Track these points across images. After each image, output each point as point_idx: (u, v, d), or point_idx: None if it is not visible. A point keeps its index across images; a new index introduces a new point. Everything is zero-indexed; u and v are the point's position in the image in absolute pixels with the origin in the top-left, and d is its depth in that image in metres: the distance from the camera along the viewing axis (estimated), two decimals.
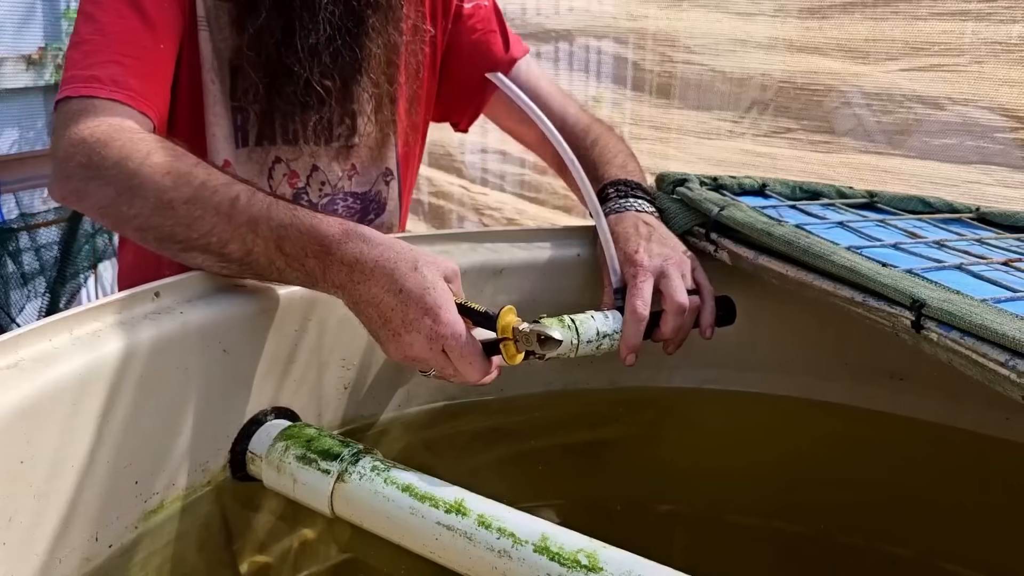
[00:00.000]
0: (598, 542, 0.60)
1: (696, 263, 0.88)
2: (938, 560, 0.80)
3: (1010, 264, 0.75)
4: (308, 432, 0.74)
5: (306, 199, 1.05)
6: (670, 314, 0.83)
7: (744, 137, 1.35)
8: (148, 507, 0.69)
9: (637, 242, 0.86)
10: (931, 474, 0.91)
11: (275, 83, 0.96)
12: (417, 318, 0.70)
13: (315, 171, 1.06)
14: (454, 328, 0.70)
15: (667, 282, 0.84)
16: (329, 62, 0.95)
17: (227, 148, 0.99)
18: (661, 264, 0.84)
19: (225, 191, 0.73)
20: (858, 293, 0.69)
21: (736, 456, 0.93)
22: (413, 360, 0.73)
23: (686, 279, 0.85)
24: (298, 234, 0.71)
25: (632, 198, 0.93)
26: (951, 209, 0.94)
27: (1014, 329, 0.57)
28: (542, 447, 0.95)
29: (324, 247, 0.71)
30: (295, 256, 0.72)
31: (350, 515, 0.70)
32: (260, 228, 0.72)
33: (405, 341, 0.71)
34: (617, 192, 0.95)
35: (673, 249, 0.87)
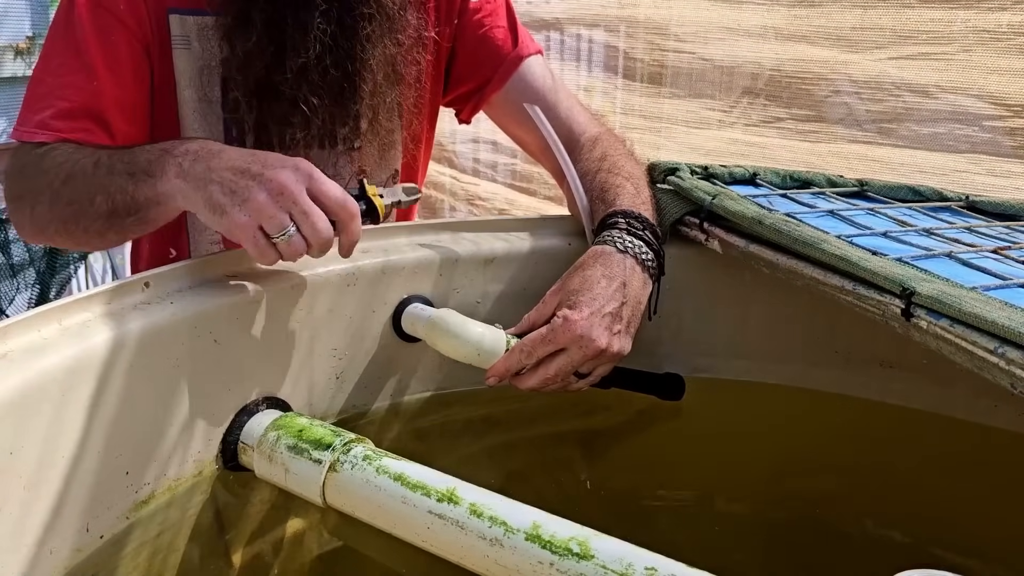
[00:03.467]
0: (589, 530, 0.60)
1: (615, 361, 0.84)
2: (928, 546, 0.81)
3: (1000, 252, 0.76)
4: (299, 422, 0.74)
5: None
6: (537, 377, 0.81)
7: (734, 127, 1.35)
8: (139, 497, 0.69)
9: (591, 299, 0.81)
10: (921, 461, 0.91)
11: (262, 101, 0.94)
12: (277, 161, 0.73)
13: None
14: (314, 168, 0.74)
15: (562, 355, 0.80)
16: (318, 80, 0.93)
17: None
18: (579, 336, 0.79)
19: (89, 159, 0.83)
20: (848, 281, 0.70)
21: (727, 444, 0.94)
22: (278, 196, 0.71)
23: (586, 366, 0.82)
24: (145, 152, 0.79)
25: (635, 238, 0.86)
26: (940, 197, 0.94)
27: (1003, 317, 0.57)
28: (533, 436, 0.96)
29: (166, 148, 0.77)
30: (141, 170, 0.77)
31: (342, 504, 0.70)
32: (115, 169, 0.80)
33: (270, 176, 0.71)
34: (629, 227, 0.87)
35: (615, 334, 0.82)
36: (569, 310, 0.80)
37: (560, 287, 0.83)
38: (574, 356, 0.80)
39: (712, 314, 0.99)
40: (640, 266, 0.85)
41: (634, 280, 0.84)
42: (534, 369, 0.81)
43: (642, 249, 0.85)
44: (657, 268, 0.88)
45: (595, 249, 0.85)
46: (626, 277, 0.83)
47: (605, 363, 0.84)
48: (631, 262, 0.84)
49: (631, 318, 0.84)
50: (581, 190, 0.93)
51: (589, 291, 0.81)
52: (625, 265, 0.83)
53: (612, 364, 0.85)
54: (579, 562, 0.58)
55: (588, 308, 0.80)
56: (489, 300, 0.93)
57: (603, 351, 0.80)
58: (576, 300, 0.80)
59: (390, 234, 0.90)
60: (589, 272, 0.83)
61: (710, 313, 0.99)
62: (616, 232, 0.86)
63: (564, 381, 0.82)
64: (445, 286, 0.91)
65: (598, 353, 0.80)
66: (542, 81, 1.09)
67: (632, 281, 0.84)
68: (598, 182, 0.93)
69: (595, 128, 1.06)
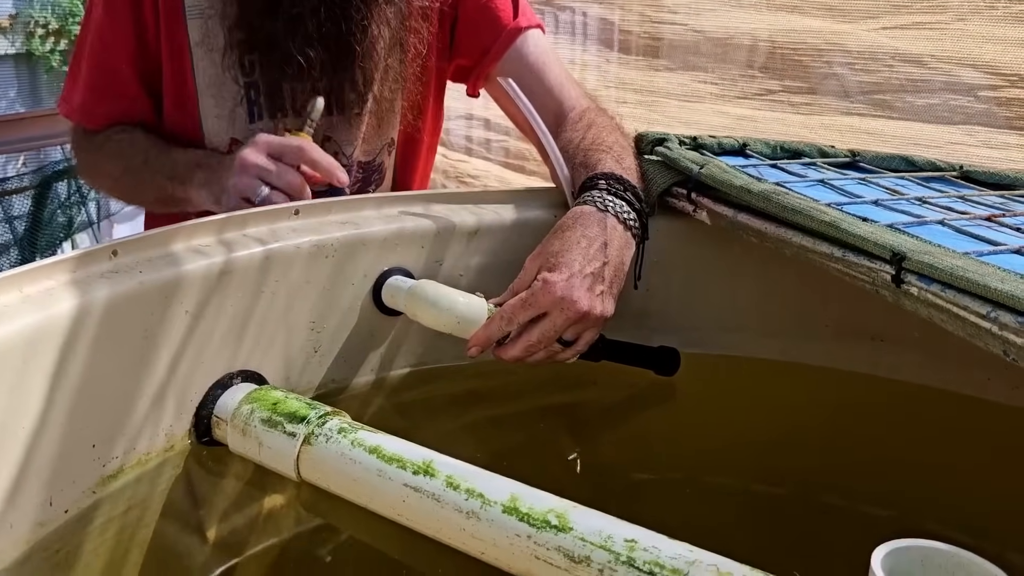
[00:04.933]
0: (568, 502, 0.59)
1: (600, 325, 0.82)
2: (918, 520, 0.79)
3: (993, 219, 0.74)
4: (274, 395, 0.72)
5: None
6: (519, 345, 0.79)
7: (727, 100, 1.32)
8: (106, 472, 0.67)
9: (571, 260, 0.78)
10: (912, 435, 0.90)
11: (263, 55, 0.98)
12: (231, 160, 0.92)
13: (327, 142, 1.05)
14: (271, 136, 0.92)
15: (545, 320, 0.78)
16: (313, 31, 0.94)
17: (234, 125, 1.04)
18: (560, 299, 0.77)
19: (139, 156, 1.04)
20: (837, 248, 0.68)
21: (715, 418, 0.92)
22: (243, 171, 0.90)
23: (570, 331, 0.80)
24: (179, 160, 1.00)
25: (617, 197, 0.84)
26: (934, 167, 0.92)
27: (996, 280, 0.55)
28: (518, 410, 0.94)
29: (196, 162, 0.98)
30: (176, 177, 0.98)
31: (317, 478, 0.68)
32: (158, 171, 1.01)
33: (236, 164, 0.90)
34: (610, 187, 0.85)
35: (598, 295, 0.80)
36: (548, 272, 0.78)
37: (540, 251, 0.81)
38: (556, 320, 0.77)
39: (700, 288, 0.97)
40: (622, 225, 0.83)
41: (615, 239, 0.81)
42: (516, 337, 0.78)
43: (623, 208, 0.83)
44: (640, 229, 0.85)
45: (575, 210, 0.83)
46: (607, 237, 0.81)
47: (590, 328, 0.81)
48: (612, 221, 0.82)
49: (613, 279, 0.81)
50: (561, 159, 0.92)
51: (569, 252, 0.79)
52: (606, 224, 0.81)
53: (598, 329, 0.82)
54: (557, 534, 0.56)
55: (568, 270, 0.77)
56: (473, 273, 0.91)
57: (586, 313, 0.78)
58: (556, 262, 0.78)
59: (368, 205, 0.88)
60: (568, 234, 0.80)
61: (698, 287, 0.97)
62: (596, 192, 0.84)
63: (549, 350, 0.80)
64: (427, 258, 0.89)
65: (581, 316, 0.78)
66: (538, 55, 1.08)
67: (614, 240, 0.81)
68: (580, 151, 0.92)
69: (584, 103, 1.05)
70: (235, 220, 0.78)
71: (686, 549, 0.54)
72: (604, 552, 0.54)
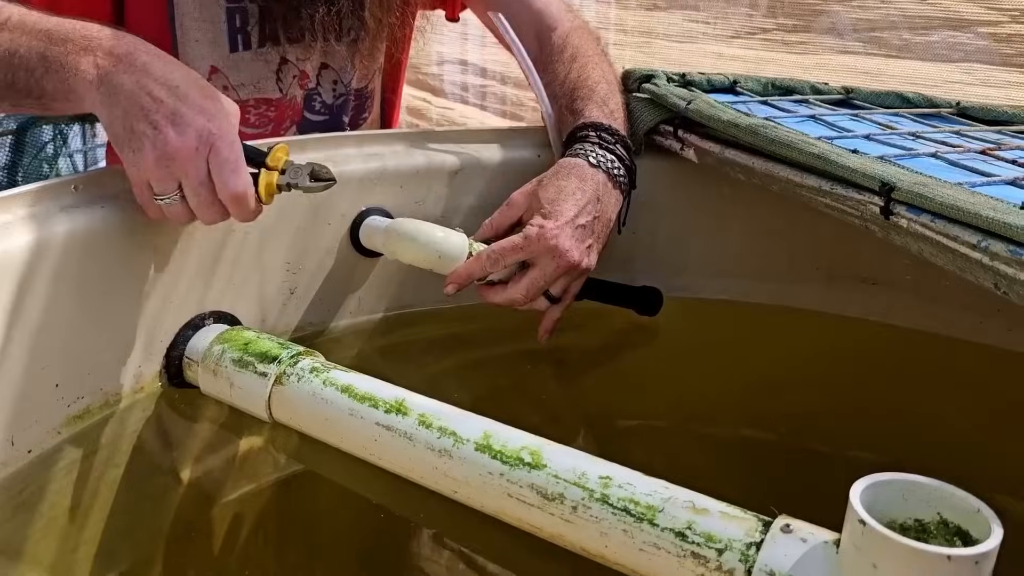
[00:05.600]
0: (543, 439, 0.57)
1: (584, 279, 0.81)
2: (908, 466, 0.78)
3: (988, 153, 0.71)
4: (246, 335, 0.71)
5: (319, 100, 1.00)
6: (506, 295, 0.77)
7: (720, 40, 1.28)
8: (72, 412, 0.66)
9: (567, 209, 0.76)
10: (903, 380, 0.88)
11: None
12: (192, 115, 0.63)
13: (325, 69, 0.99)
14: (232, 135, 0.64)
15: (536, 272, 0.76)
16: None
17: (215, 53, 0.92)
18: (553, 247, 0.75)
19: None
20: (825, 182, 0.65)
21: (704, 364, 0.91)
22: (168, 162, 0.63)
23: (558, 283, 0.78)
24: (66, 34, 0.66)
25: (607, 151, 0.82)
26: (930, 104, 0.89)
27: (988, 209, 0.53)
28: (503, 354, 0.92)
29: (92, 41, 0.65)
30: (57, 58, 0.65)
31: (288, 419, 0.66)
32: (27, 37, 0.66)
33: (167, 137, 0.62)
34: (600, 139, 0.83)
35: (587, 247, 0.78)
36: (545, 219, 0.76)
37: (531, 192, 0.79)
38: (547, 270, 0.76)
39: (689, 230, 0.95)
40: (611, 181, 0.81)
41: (606, 195, 0.80)
42: (503, 286, 0.77)
43: (613, 163, 0.81)
44: (628, 183, 0.84)
45: (566, 161, 0.81)
46: (599, 192, 0.80)
47: (575, 280, 0.80)
48: (603, 177, 0.80)
49: (601, 234, 0.81)
50: (547, 102, 0.89)
51: (565, 202, 0.77)
52: (598, 180, 0.80)
53: (581, 283, 0.81)
54: (530, 472, 0.55)
55: (563, 218, 0.76)
56: (454, 213, 0.89)
57: (575, 264, 0.77)
58: (552, 210, 0.76)
59: (344, 143, 0.85)
60: (563, 183, 0.79)
61: (686, 229, 0.95)
62: (588, 145, 0.82)
63: (532, 300, 0.78)
64: (407, 198, 0.86)
65: (571, 267, 0.77)
66: None
67: (604, 196, 0.80)
68: (567, 91, 0.89)
69: (568, 22, 1.00)
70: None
71: (661, 486, 0.52)
72: (578, 489, 0.53)
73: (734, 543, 0.48)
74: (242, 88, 0.94)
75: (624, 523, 0.51)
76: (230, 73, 0.93)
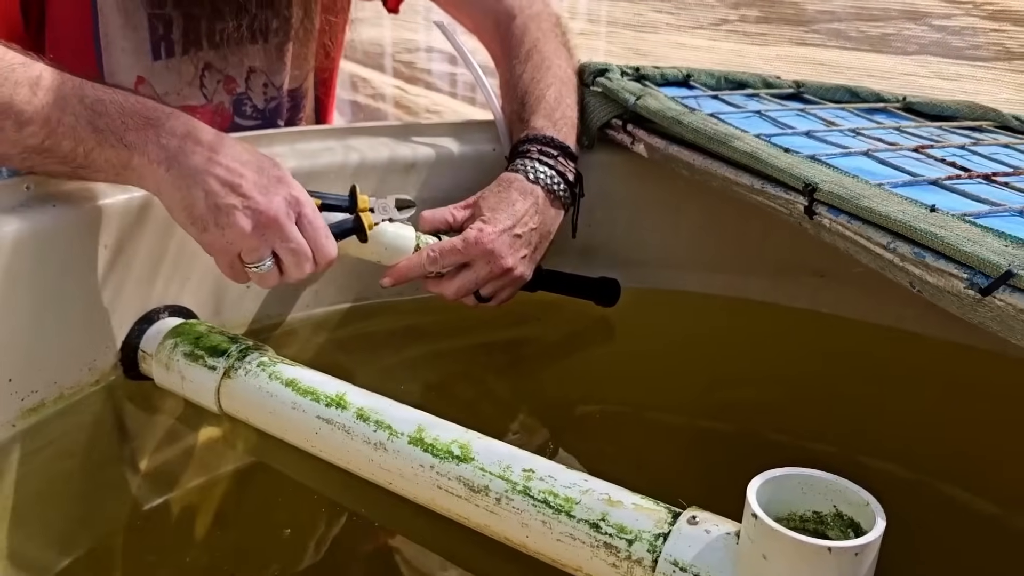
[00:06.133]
0: (474, 433, 0.59)
1: (517, 285, 0.84)
2: (860, 456, 0.80)
3: (921, 150, 0.73)
4: (198, 329, 0.73)
5: (250, 104, 0.98)
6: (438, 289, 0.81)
7: (681, 30, 1.29)
8: (26, 405, 0.68)
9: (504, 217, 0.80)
10: (852, 371, 0.90)
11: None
12: (274, 183, 0.66)
13: (253, 73, 0.97)
14: (309, 199, 0.68)
15: (469, 272, 0.80)
16: None
17: (140, 62, 0.89)
18: (489, 252, 0.78)
19: (24, 70, 0.64)
20: (757, 180, 0.67)
21: (659, 355, 0.92)
22: (264, 229, 0.65)
23: (489, 285, 0.81)
24: (119, 108, 0.65)
25: (547, 167, 0.84)
26: (878, 99, 0.91)
27: (897, 211, 0.55)
28: (460, 346, 0.94)
29: (151, 119, 0.65)
30: (112, 131, 0.64)
31: (236, 411, 0.69)
32: (69, 105, 0.64)
33: (261, 205, 0.64)
34: (542, 154, 0.85)
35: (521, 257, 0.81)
36: (484, 224, 0.79)
37: (474, 203, 0.82)
38: (480, 272, 0.79)
39: (643, 222, 0.97)
40: (551, 195, 0.84)
41: (545, 210, 0.84)
42: (439, 277, 0.80)
43: (553, 179, 0.84)
44: (570, 196, 0.87)
45: (506, 175, 0.84)
46: (539, 206, 0.83)
47: (507, 287, 0.83)
48: (540, 192, 0.83)
49: (538, 246, 0.84)
50: (497, 109, 0.92)
51: (503, 211, 0.80)
52: (537, 195, 0.83)
53: (514, 290, 0.85)
54: (458, 464, 0.57)
55: (502, 225, 0.79)
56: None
57: (508, 270, 0.80)
58: (491, 217, 0.80)
59: (301, 138, 0.86)
60: (504, 194, 0.82)
61: (641, 221, 0.97)
62: (529, 161, 0.84)
63: (461, 297, 0.82)
64: (362, 192, 0.88)
65: (503, 272, 0.80)
66: None
67: (543, 211, 0.83)
68: (519, 92, 0.90)
69: (527, 8, 1.00)
70: None
71: (581, 479, 0.54)
72: (502, 482, 0.55)
73: (643, 534, 0.50)
74: (167, 96, 0.91)
75: (543, 515, 0.53)
76: (155, 82, 0.91)
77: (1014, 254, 0.49)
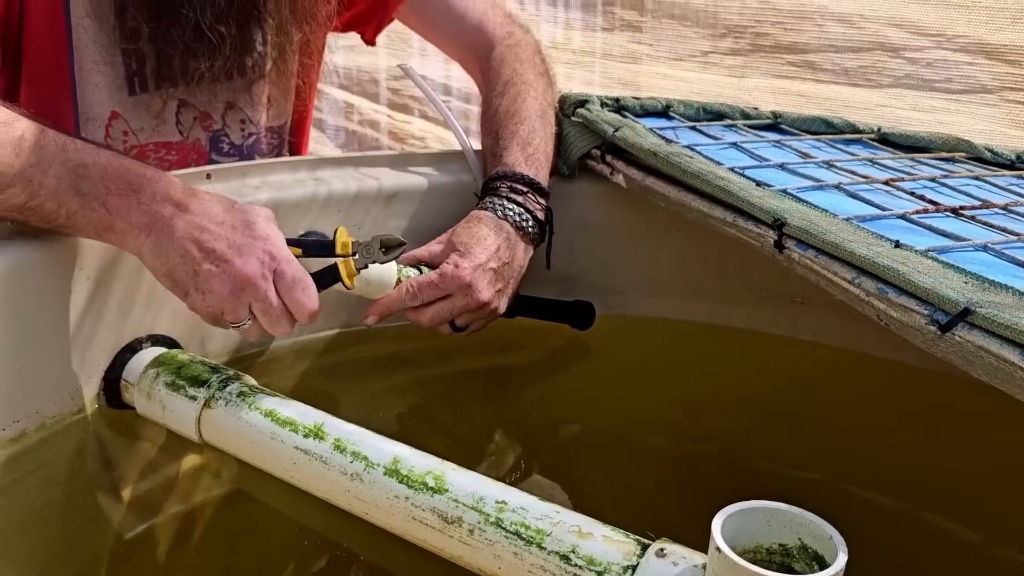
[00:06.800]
0: (449, 464, 0.60)
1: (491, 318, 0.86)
2: (840, 481, 0.81)
3: (892, 183, 0.74)
4: (180, 359, 0.73)
5: (227, 141, 0.98)
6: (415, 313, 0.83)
7: (660, 60, 1.31)
8: (7, 435, 0.68)
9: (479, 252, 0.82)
10: (832, 397, 0.91)
11: (161, 26, 0.84)
12: (249, 242, 0.67)
13: (231, 109, 0.97)
14: (287, 253, 0.69)
15: (445, 303, 0.82)
16: (224, 4, 0.84)
17: (114, 97, 0.89)
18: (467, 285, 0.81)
19: (6, 130, 0.64)
20: (730, 213, 0.68)
21: (641, 381, 0.93)
22: (240, 292, 0.67)
23: (464, 316, 0.84)
24: (101, 172, 0.66)
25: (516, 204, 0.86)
26: (853, 130, 0.92)
27: (862, 247, 0.56)
28: (444, 373, 0.95)
29: (133, 185, 0.66)
30: (94, 195, 0.65)
31: (216, 441, 0.69)
32: (52, 168, 0.65)
33: (236, 269, 0.66)
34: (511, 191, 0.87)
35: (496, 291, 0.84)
36: (459, 258, 0.81)
37: (447, 239, 0.84)
38: (456, 304, 0.81)
39: (624, 251, 0.98)
40: (519, 232, 0.86)
41: (515, 246, 0.86)
42: (412, 308, 0.82)
43: (522, 216, 0.86)
44: (539, 232, 0.89)
45: (476, 212, 0.86)
46: (510, 242, 0.85)
47: (481, 319, 0.85)
48: (509, 228, 0.85)
49: (511, 279, 0.86)
50: (466, 140, 0.94)
51: (478, 245, 0.83)
52: (505, 231, 0.85)
53: (487, 322, 0.86)
54: (432, 496, 0.58)
55: (478, 260, 0.82)
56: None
57: (485, 304, 0.83)
58: (466, 251, 0.82)
59: (284, 168, 0.88)
60: (475, 229, 0.84)
61: (622, 250, 0.98)
62: (498, 199, 0.86)
63: (435, 326, 0.84)
64: (345, 223, 0.89)
65: (480, 305, 0.82)
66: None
67: (514, 246, 0.86)
68: (495, 126, 0.92)
69: (505, 38, 1.01)
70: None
71: (552, 510, 0.55)
72: (475, 513, 0.56)
73: (612, 566, 0.51)
74: (141, 132, 0.92)
75: (515, 546, 0.54)
76: (129, 117, 0.90)
77: (973, 291, 0.50)
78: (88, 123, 0.89)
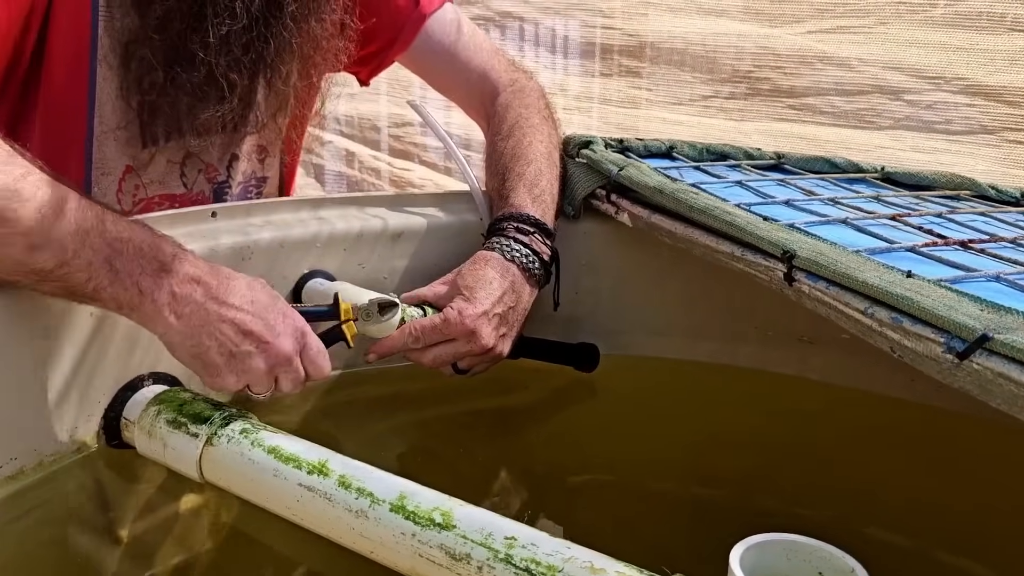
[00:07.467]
0: (456, 500, 0.59)
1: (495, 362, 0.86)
2: (850, 522, 0.80)
3: (898, 219, 0.74)
4: (182, 396, 0.72)
5: (230, 192, 0.98)
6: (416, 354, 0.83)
7: (660, 105, 1.33)
8: (4, 472, 0.67)
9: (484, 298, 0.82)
10: (841, 436, 0.90)
11: (173, 71, 0.83)
12: (280, 320, 0.69)
13: (235, 161, 0.97)
14: (307, 325, 0.71)
15: (447, 346, 0.82)
16: (240, 54, 0.84)
17: (129, 152, 0.88)
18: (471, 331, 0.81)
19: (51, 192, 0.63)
20: (737, 248, 0.68)
21: (647, 422, 0.92)
22: (275, 368, 0.69)
23: (466, 360, 0.84)
24: (136, 250, 0.65)
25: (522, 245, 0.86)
26: (857, 169, 0.93)
27: (874, 277, 0.55)
28: (447, 414, 0.94)
29: (164, 264, 0.66)
30: (128, 273, 0.64)
31: (218, 479, 0.68)
32: (90, 239, 0.63)
33: (275, 349, 0.68)
34: (518, 232, 0.87)
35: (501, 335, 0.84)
36: (464, 303, 0.81)
37: (452, 280, 0.84)
38: (459, 348, 0.81)
39: (629, 290, 0.98)
40: (525, 274, 0.86)
41: (521, 288, 0.85)
42: (415, 352, 0.82)
43: (529, 257, 0.86)
44: (545, 275, 0.89)
45: (483, 253, 0.86)
46: (515, 284, 0.85)
47: (484, 363, 0.85)
48: (515, 270, 0.85)
49: (515, 323, 0.86)
50: (473, 179, 0.94)
51: (482, 289, 0.82)
52: (513, 273, 0.85)
53: (489, 364, 0.86)
54: (440, 532, 0.56)
55: (482, 305, 0.81)
56: (397, 276, 0.91)
57: (489, 350, 0.82)
58: (471, 296, 0.82)
59: (290, 208, 0.88)
60: (481, 272, 0.84)
61: (627, 289, 0.98)
62: (504, 240, 0.86)
63: (437, 368, 0.84)
64: (349, 262, 0.89)
65: (483, 351, 0.82)
66: (450, 36, 1.03)
67: (519, 288, 0.85)
68: (501, 168, 0.92)
69: (510, 85, 1.02)
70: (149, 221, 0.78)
71: (563, 546, 0.53)
72: (484, 549, 0.54)
73: None
74: (150, 185, 0.91)
75: None
76: (141, 171, 0.90)
77: (989, 318, 0.49)
78: (103, 177, 0.88)
